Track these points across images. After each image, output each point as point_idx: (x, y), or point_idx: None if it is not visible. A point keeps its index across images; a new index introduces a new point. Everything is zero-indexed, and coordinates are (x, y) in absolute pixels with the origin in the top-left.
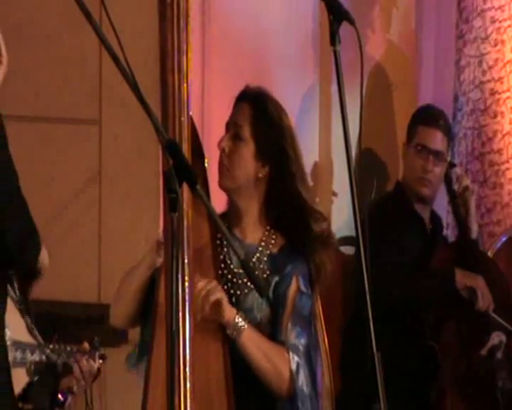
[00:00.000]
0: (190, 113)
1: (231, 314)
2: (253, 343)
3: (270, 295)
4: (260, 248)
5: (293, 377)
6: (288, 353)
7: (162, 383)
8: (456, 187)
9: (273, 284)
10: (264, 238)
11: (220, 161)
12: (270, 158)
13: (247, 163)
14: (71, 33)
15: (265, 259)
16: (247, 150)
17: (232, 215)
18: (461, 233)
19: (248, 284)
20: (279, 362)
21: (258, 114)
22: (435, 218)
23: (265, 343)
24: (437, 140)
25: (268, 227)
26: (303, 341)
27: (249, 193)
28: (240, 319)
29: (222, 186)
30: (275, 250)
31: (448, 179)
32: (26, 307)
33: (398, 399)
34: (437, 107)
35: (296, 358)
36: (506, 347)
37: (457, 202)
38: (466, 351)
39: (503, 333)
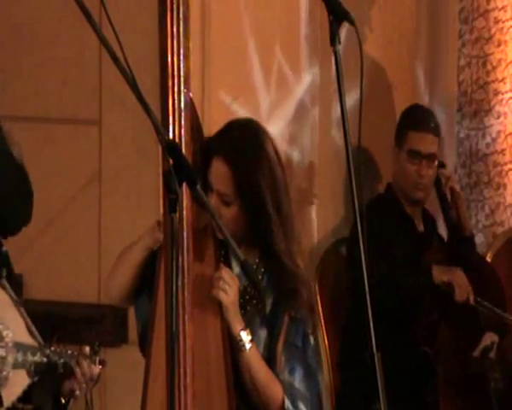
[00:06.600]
0: (190, 93)
1: (236, 329)
2: (252, 369)
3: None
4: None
5: None
6: (284, 393)
7: (162, 377)
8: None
9: (268, 307)
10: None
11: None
12: (253, 209)
13: (236, 219)
14: (71, 33)
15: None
16: (235, 209)
17: None
18: (452, 235)
19: (250, 300)
20: (272, 396)
21: (239, 175)
22: (428, 218)
23: (264, 372)
24: (429, 143)
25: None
26: (297, 376)
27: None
28: (244, 336)
29: None
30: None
31: (438, 182)
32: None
33: (394, 401)
34: (425, 107)
35: (287, 402)
36: (499, 347)
37: (448, 204)
38: (459, 353)
39: (496, 334)
